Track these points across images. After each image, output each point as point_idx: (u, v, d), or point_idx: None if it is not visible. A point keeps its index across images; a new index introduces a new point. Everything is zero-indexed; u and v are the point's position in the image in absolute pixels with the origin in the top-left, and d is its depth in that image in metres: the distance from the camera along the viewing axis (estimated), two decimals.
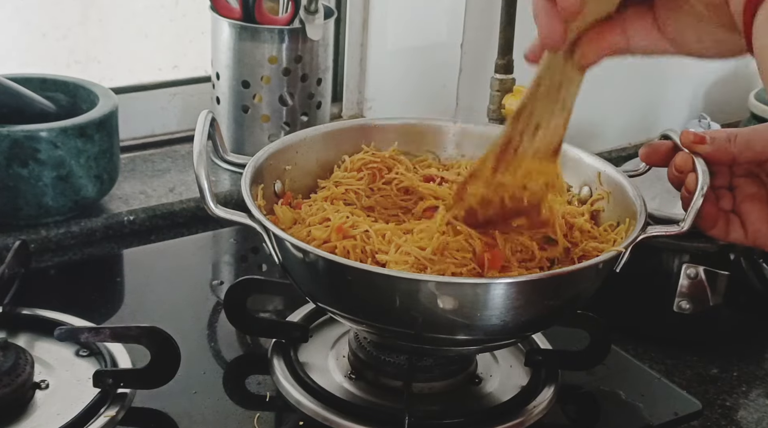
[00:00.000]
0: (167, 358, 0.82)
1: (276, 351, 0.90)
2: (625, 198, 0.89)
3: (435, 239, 0.80)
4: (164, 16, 1.32)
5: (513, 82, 1.26)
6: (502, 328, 0.78)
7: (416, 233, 0.82)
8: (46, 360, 0.86)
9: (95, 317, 0.93)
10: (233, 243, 1.16)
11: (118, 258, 1.12)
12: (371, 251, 0.80)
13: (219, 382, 0.89)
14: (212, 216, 0.78)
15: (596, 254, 0.82)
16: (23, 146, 1.03)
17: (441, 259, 0.79)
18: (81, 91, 1.14)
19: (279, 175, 0.90)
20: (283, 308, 0.99)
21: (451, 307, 0.75)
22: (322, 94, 1.26)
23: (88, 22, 1.27)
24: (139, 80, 1.32)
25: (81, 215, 1.11)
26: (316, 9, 1.21)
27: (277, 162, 0.90)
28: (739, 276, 0.99)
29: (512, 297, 0.76)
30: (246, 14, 1.21)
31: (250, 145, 1.24)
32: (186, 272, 1.09)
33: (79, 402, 0.81)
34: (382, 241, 0.81)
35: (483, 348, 0.88)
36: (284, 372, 0.87)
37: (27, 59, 1.24)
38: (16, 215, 1.07)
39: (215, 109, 1.26)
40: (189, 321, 0.98)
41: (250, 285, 0.92)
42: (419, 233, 0.82)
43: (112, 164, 1.11)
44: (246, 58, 1.21)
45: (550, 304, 0.79)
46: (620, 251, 0.80)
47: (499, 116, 1.26)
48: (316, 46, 1.23)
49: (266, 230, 0.79)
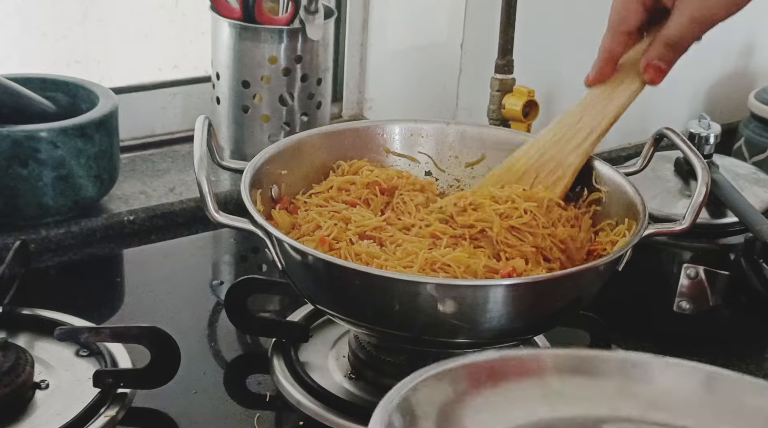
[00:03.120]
0: (167, 358, 0.82)
1: (276, 350, 0.90)
2: (624, 197, 0.89)
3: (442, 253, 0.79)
4: (164, 16, 1.32)
5: (513, 82, 1.26)
6: (503, 331, 0.77)
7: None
8: (46, 360, 0.86)
9: (95, 318, 0.93)
10: (233, 243, 1.16)
11: (118, 258, 1.12)
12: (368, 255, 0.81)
13: (219, 382, 0.89)
14: (214, 222, 0.78)
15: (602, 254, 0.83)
16: (23, 146, 1.03)
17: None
18: (81, 91, 1.14)
19: (275, 179, 0.90)
20: (283, 308, 0.99)
21: (451, 310, 0.75)
22: (322, 94, 1.26)
23: (88, 22, 1.27)
24: (139, 80, 1.32)
25: (81, 215, 1.11)
26: (316, 9, 1.21)
27: (273, 167, 0.90)
28: (739, 276, 0.99)
29: (514, 299, 0.75)
30: (246, 14, 1.21)
31: (250, 145, 1.24)
32: (186, 272, 1.09)
33: (79, 402, 0.81)
34: (369, 248, 0.82)
35: (484, 350, 0.88)
36: (284, 372, 0.87)
37: (27, 59, 1.24)
38: (16, 215, 1.07)
39: (215, 109, 1.26)
40: (189, 321, 0.98)
41: (250, 285, 0.92)
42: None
43: (112, 164, 1.11)
44: (246, 58, 1.21)
45: (552, 306, 0.79)
46: (623, 253, 0.80)
47: (499, 116, 1.26)
48: (316, 46, 1.23)
49: (269, 235, 0.79)
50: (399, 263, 0.79)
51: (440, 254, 0.79)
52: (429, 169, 0.99)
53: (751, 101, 1.47)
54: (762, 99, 1.45)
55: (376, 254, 0.81)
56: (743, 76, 1.64)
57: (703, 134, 1.23)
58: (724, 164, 1.28)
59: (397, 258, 0.80)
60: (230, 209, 0.90)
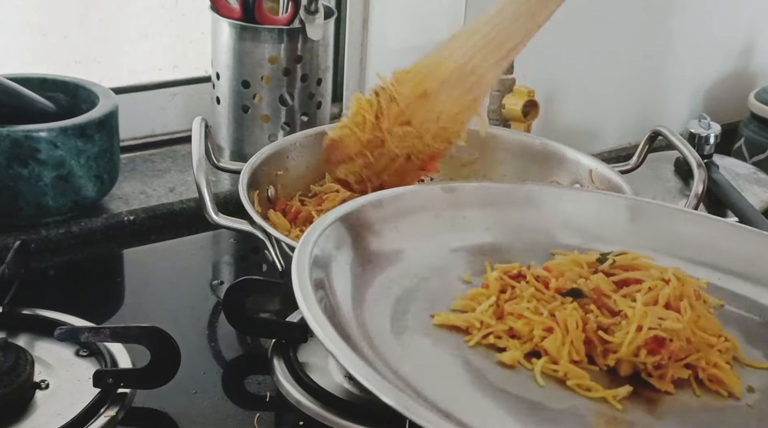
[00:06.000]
0: (167, 358, 0.82)
1: (276, 351, 0.89)
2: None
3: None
4: (164, 16, 1.32)
5: (513, 82, 1.26)
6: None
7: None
8: (46, 360, 0.86)
9: (95, 318, 0.93)
10: (233, 243, 1.16)
11: (118, 258, 1.12)
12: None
13: (219, 382, 0.89)
14: (213, 224, 0.78)
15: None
16: (23, 146, 1.03)
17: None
18: (81, 91, 1.14)
19: (272, 180, 0.90)
20: (283, 309, 0.99)
21: None
22: (322, 94, 1.26)
23: (88, 22, 1.27)
24: (139, 80, 1.32)
25: (81, 215, 1.11)
26: (316, 9, 1.21)
27: (269, 168, 0.90)
28: None
29: None
30: (246, 14, 1.21)
31: (250, 145, 1.24)
32: (186, 272, 1.09)
33: (79, 402, 0.81)
34: None
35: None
36: (284, 372, 0.87)
37: (27, 59, 1.24)
38: (16, 215, 1.07)
39: (215, 109, 1.26)
40: (189, 320, 0.98)
41: (249, 286, 0.92)
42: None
43: (112, 164, 1.11)
44: (246, 58, 1.21)
45: None
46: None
47: (499, 116, 1.26)
48: (316, 46, 1.23)
49: (268, 236, 0.79)
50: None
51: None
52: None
53: (751, 101, 1.47)
54: (762, 99, 1.45)
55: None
56: (743, 76, 1.64)
57: (703, 134, 1.23)
58: (724, 164, 1.28)
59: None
60: (230, 210, 0.90)
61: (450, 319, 0.70)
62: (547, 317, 0.69)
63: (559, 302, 0.71)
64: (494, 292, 0.72)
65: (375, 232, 0.75)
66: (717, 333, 0.71)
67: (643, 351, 0.67)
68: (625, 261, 0.75)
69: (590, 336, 0.68)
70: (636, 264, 0.75)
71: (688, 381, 0.68)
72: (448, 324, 0.70)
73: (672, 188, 1.10)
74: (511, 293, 0.72)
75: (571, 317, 0.68)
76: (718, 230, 0.83)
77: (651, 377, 0.68)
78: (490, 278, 0.73)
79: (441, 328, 0.70)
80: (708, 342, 0.69)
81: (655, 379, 0.67)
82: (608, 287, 0.72)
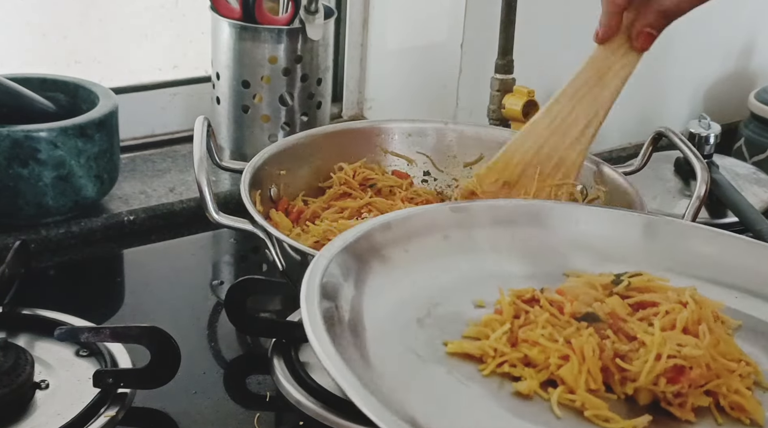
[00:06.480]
0: (167, 358, 0.82)
1: (276, 350, 0.89)
2: (624, 197, 0.90)
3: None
4: (164, 16, 1.32)
5: (513, 82, 1.26)
6: None
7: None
8: (46, 360, 0.86)
9: (95, 317, 0.93)
10: (233, 243, 1.16)
11: (118, 258, 1.12)
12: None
13: (219, 382, 0.89)
14: (214, 223, 0.78)
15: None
16: (23, 146, 1.03)
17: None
18: (81, 91, 1.14)
19: (274, 180, 0.90)
20: (283, 308, 0.99)
21: None
22: (322, 94, 1.26)
23: (88, 22, 1.27)
24: (139, 80, 1.32)
25: (81, 215, 1.11)
26: (316, 9, 1.21)
27: (271, 167, 0.90)
28: None
29: None
30: (246, 14, 1.21)
31: (250, 145, 1.24)
32: (186, 272, 1.09)
33: (79, 402, 0.81)
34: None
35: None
36: (284, 372, 0.87)
37: (27, 59, 1.24)
38: (16, 215, 1.07)
39: (215, 109, 1.26)
40: (189, 320, 0.98)
41: (250, 285, 0.92)
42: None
43: (112, 164, 1.11)
44: (246, 58, 1.21)
45: None
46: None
47: (499, 116, 1.26)
48: (316, 46, 1.23)
49: (269, 236, 0.79)
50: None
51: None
52: (427, 169, 1.00)
53: (751, 101, 1.47)
54: (762, 99, 1.45)
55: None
56: (743, 76, 1.64)
57: (703, 134, 1.23)
58: (724, 164, 1.28)
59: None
60: (231, 209, 0.90)
61: (463, 347, 0.68)
62: (562, 344, 0.67)
63: (574, 328, 0.68)
64: (508, 318, 0.70)
65: (383, 256, 0.73)
66: (737, 358, 0.69)
67: (662, 379, 0.65)
68: (640, 283, 0.73)
69: (607, 364, 0.66)
70: (651, 286, 0.73)
71: (708, 408, 0.66)
72: (461, 351, 0.68)
73: (672, 188, 1.10)
74: (525, 319, 0.70)
75: (587, 344, 0.66)
76: (734, 247, 0.81)
77: (671, 405, 0.65)
78: (503, 304, 0.71)
79: (453, 356, 0.68)
80: (728, 368, 0.67)
81: (675, 408, 0.65)
82: (624, 310, 0.70)
